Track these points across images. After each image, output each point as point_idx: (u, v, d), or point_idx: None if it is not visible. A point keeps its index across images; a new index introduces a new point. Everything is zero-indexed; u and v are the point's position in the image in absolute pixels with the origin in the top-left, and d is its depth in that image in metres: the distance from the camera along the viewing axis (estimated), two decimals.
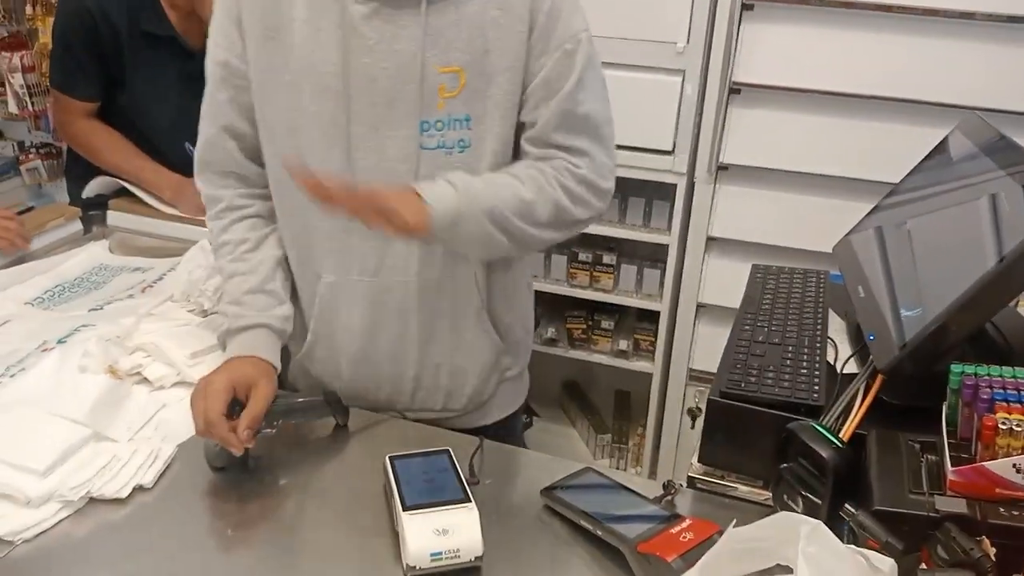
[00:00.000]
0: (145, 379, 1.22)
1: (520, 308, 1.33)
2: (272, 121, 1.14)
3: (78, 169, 1.93)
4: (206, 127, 1.18)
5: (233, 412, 1.03)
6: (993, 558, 0.74)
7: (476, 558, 0.90)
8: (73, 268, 1.63)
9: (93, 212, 1.84)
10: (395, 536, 0.94)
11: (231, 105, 1.15)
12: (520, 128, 1.15)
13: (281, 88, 1.11)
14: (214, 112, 1.17)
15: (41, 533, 0.95)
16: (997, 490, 0.80)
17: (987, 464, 0.80)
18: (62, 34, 1.79)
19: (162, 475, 1.05)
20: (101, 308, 1.47)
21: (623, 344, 2.45)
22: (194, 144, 1.85)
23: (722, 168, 2.17)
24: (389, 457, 1.02)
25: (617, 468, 2.62)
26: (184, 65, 1.82)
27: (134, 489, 1.02)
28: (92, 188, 1.88)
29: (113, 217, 1.84)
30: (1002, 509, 0.80)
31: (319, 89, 1.09)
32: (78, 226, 1.81)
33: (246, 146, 1.18)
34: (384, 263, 1.17)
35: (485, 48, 1.08)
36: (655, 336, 2.41)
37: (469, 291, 1.21)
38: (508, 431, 1.37)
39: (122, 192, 1.87)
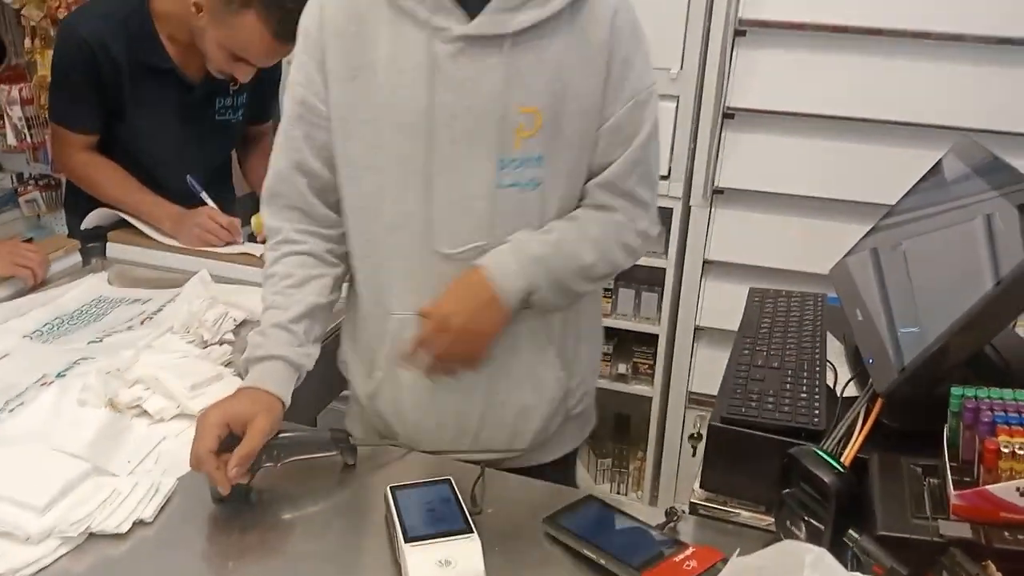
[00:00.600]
0: (145, 412, 1.22)
1: (589, 345, 1.32)
2: (352, 159, 1.15)
3: (77, 201, 1.94)
4: (278, 160, 1.19)
5: (232, 448, 1.03)
6: None
7: None
8: (72, 300, 1.63)
9: (92, 244, 1.84)
10: (397, 568, 0.93)
11: (305, 142, 1.16)
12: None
13: (361, 126, 1.12)
14: (287, 148, 1.18)
15: (41, 570, 0.94)
16: (1001, 514, 0.80)
17: (990, 488, 0.80)
18: (61, 67, 1.80)
19: (162, 509, 1.04)
20: (100, 340, 1.47)
21: (622, 368, 2.45)
22: (195, 176, 1.88)
23: (717, 192, 2.18)
24: (390, 488, 1.01)
25: (618, 492, 2.61)
26: (184, 97, 1.84)
27: (134, 523, 1.01)
28: (91, 220, 1.88)
29: (112, 249, 1.85)
30: (1007, 533, 0.79)
31: (399, 127, 1.11)
32: (77, 258, 1.81)
33: (315, 184, 1.18)
34: None
35: (562, 91, 1.10)
36: (654, 359, 2.41)
37: (540, 328, 1.21)
38: (566, 467, 1.38)
39: (121, 224, 1.88)
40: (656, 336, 2.37)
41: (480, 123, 1.09)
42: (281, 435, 1.08)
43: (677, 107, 2.09)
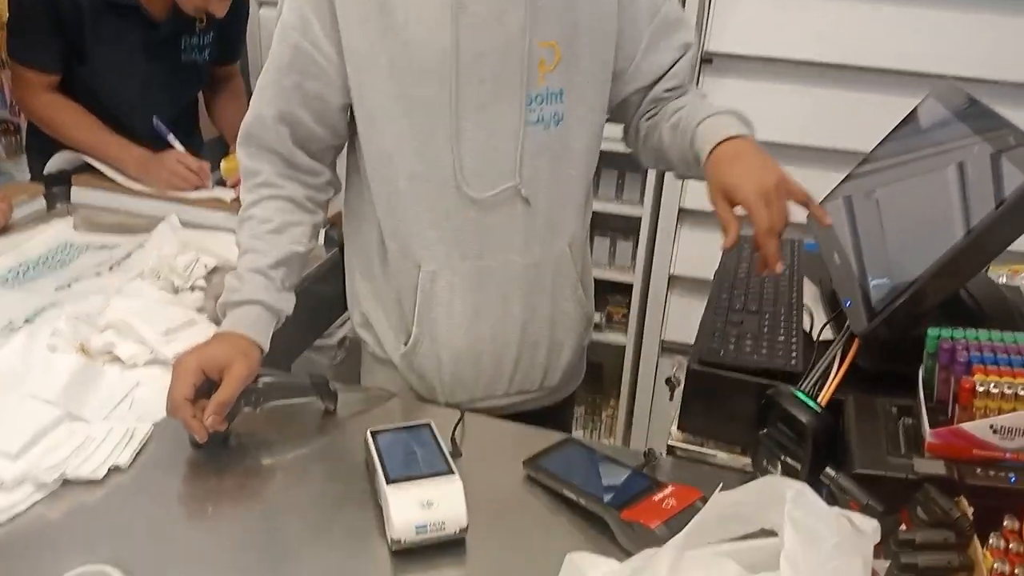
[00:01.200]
0: (117, 358, 1.20)
1: (591, 278, 1.34)
2: (370, 109, 1.11)
3: (39, 143, 1.88)
4: (260, 106, 1.13)
5: (209, 394, 1.01)
6: (971, 517, 0.75)
7: (461, 530, 0.90)
8: (37, 246, 1.59)
9: (56, 188, 1.80)
10: (379, 510, 0.94)
11: (295, 91, 1.11)
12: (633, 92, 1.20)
13: (380, 73, 1.08)
14: (273, 95, 1.12)
15: (15, 516, 0.93)
16: (974, 451, 0.82)
17: (964, 425, 0.82)
18: (19, 4, 1.73)
19: (138, 455, 1.03)
20: (68, 287, 1.44)
21: (596, 317, 2.45)
22: (161, 118, 1.83)
23: None
24: (370, 431, 1.01)
25: (591, 439, 2.64)
26: (148, 35, 1.78)
27: (110, 469, 1.00)
28: (54, 163, 1.83)
29: (77, 193, 1.80)
30: (979, 470, 0.81)
31: (423, 71, 1.07)
32: (41, 203, 1.76)
33: (298, 134, 1.14)
34: (486, 247, 1.16)
35: (575, 21, 1.10)
36: (628, 308, 2.42)
37: (566, 264, 1.22)
38: (568, 407, 1.40)
39: (85, 167, 1.83)
40: (630, 285, 2.38)
41: (506, 60, 1.08)
42: (261, 380, 1.07)
43: None
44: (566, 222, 1.21)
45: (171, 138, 1.83)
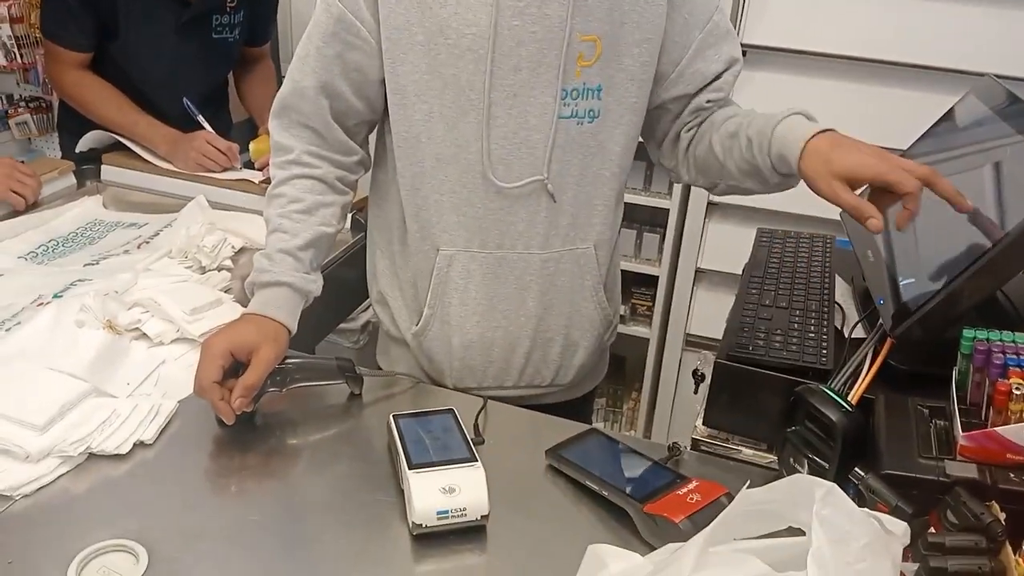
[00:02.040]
0: (144, 335, 1.20)
1: (618, 279, 1.34)
2: (402, 83, 1.09)
3: (72, 122, 1.90)
4: (301, 76, 1.12)
5: (237, 374, 1.02)
6: (1003, 523, 0.74)
7: (482, 516, 0.90)
8: (67, 223, 1.60)
9: (86, 166, 1.81)
10: (401, 495, 0.93)
11: (337, 61, 1.09)
12: (680, 98, 1.18)
13: (415, 48, 1.07)
14: (315, 65, 1.10)
15: (40, 488, 0.94)
16: (1008, 455, 0.80)
17: (999, 429, 0.80)
18: None
19: (163, 431, 1.04)
20: (96, 263, 1.45)
21: (620, 309, 2.44)
22: (191, 98, 1.84)
23: None
24: (393, 416, 1.01)
25: (611, 431, 2.63)
26: (179, 14, 1.78)
27: (135, 445, 1.00)
28: (86, 142, 1.84)
29: (107, 172, 1.81)
30: (1012, 474, 0.80)
31: (459, 51, 1.05)
32: (71, 180, 1.78)
33: (338, 108, 1.13)
34: (506, 237, 1.15)
35: (621, 20, 1.08)
36: (653, 301, 2.41)
37: (589, 265, 1.20)
38: (587, 403, 1.39)
39: (116, 146, 1.84)
40: (656, 278, 2.36)
41: (545, 50, 1.06)
42: (288, 361, 1.07)
43: None
44: (593, 222, 1.18)
45: (200, 118, 1.84)
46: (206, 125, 1.83)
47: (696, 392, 1.24)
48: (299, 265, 1.11)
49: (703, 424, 1.06)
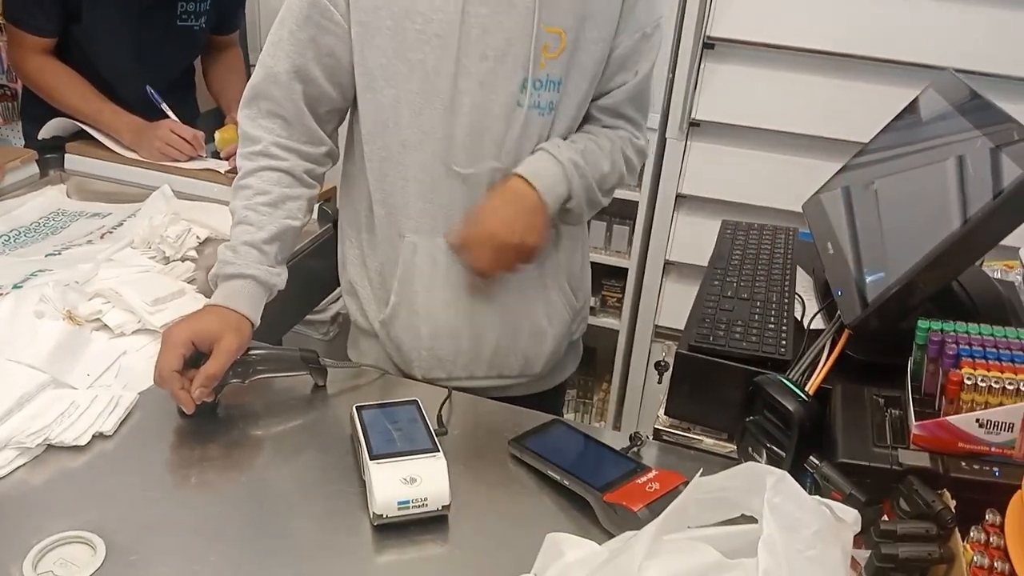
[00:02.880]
0: (105, 326, 1.19)
1: (586, 271, 1.35)
2: (371, 68, 1.09)
3: (35, 110, 1.86)
4: (274, 62, 1.11)
5: (198, 364, 1.01)
6: (954, 510, 0.75)
7: (443, 507, 0.90)
8: (29, 212, 1.58)
9: (50, 155, 1.78)
10: (362, 485, 0.93)
11: (310, 45, 1.09)
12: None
13: (384, 33, 1.07)
14: (289, 50, 1.10)
15: None
16: (960, 444, 0.82)
17: (950, 418, 0.81)
18: None
19: (123, 422, 1.03)
20: (58, 253, 1.43)
21: (591, 301, 2.45)
22: (155, 87, 1.82)
23: (694, 124, 2.16)
24: (356, 407, 1.00)
25: (582, 422, 2.64)
26: (143, 0, 1.76)
27: (94, 436, 0.99)
28: (49, 129, 1.82)
29: (71, 161, 1.79)
30: (964, 463, 0.81)
31: (425, 36, 1.06)
32: (34, 169, 1.75)
33: (311, 94, 1.12)
34: None
35: (584, 14, 1.09)
36: (622, 293, 2.42)
37: (550, 253, 1.21)
38: (558, 395, 1.40)
39: (80, 135, 1.81)
40: (625, 270, 2.37)
41: (511, 40, 1.07)
42: (251, 352, 1.07)
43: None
44: None
45: (164, 107, 1.82)
46: (170, 113, 1.81)
47: (660, 382, 1.25)
48: (264, 258, 1.10)
49: (665, 414, 1.07)
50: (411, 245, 1.16)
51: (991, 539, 0.74)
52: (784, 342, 1.02)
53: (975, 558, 0.72)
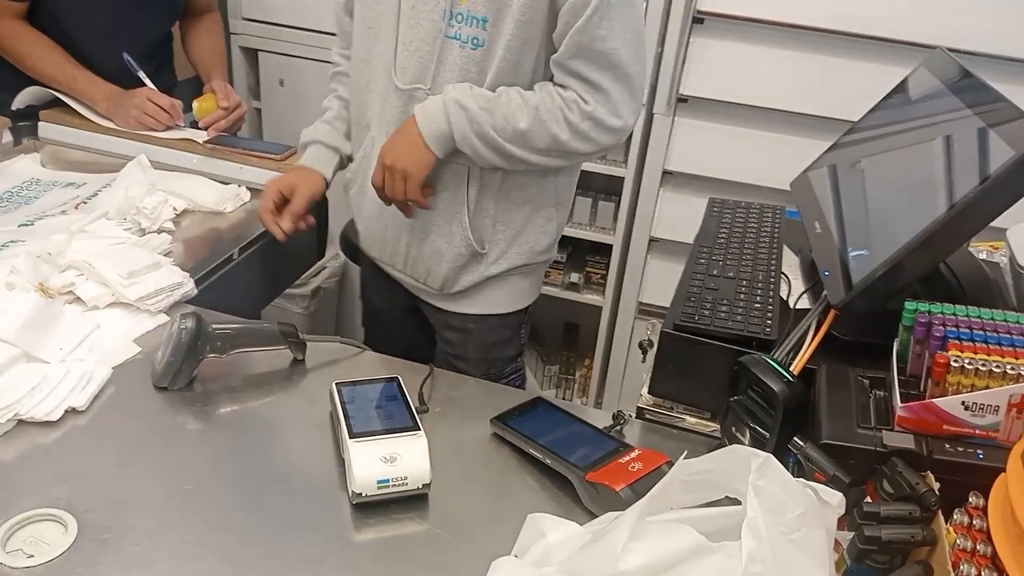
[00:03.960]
0: (78, 299, 1.16)
1: (519, 215, 1.37)
2: None
3: (7, 76, 1.81)
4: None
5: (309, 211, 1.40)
6: (937, 493, 0.75)
7: (423, 485, 0.89)
8: (1, 182, 1.54)
9: (23, 123, 1.74)
10: (342, 463, 0.92)
11: None
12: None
13: None
14: None
15: None
16: (944, 427, 0.81)
17: (936, 401, 0.81)
18: None
19: (96, 398, 1.01)
20: (31, 224, 1.40)
21: (574, 277, 2.44)
22: (131, 54, 1.77)
23: (681, 100, 2.13)
24: (336, 384, 0.99)
25: (563, 399, 2.64)
26: None
27: (66, 411, 0.97)
28: (22, 99, 1.76)
29: (44, 129, 1.74)
30: (948, 445, 0.81)
31: None
32: (8, 138, 1.71)
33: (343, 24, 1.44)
34: None
35: None
36: (606, 270, 2.41)
37: (457, 186, 1.31)
38: (504, 328, 1.46)
39: (54, 103, 1.77)
40: (610, 246, 2.36)
41: None
42: (228, 326, 1.05)
43: (646, 9, 2.02)
44: None
45: (141, 74, 1.77)
46: (147, 81, 1.77)
47: (644, 361, 1.24)
48: (332, 130, 1.46)
49: (648, 393, 1.06)
50: (372, 139, 1.38)
51: (974, 521, 0.74)
52: (769, 322, 1.02)
53: (958, 540, 0.72)
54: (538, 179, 1.35)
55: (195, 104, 1.77)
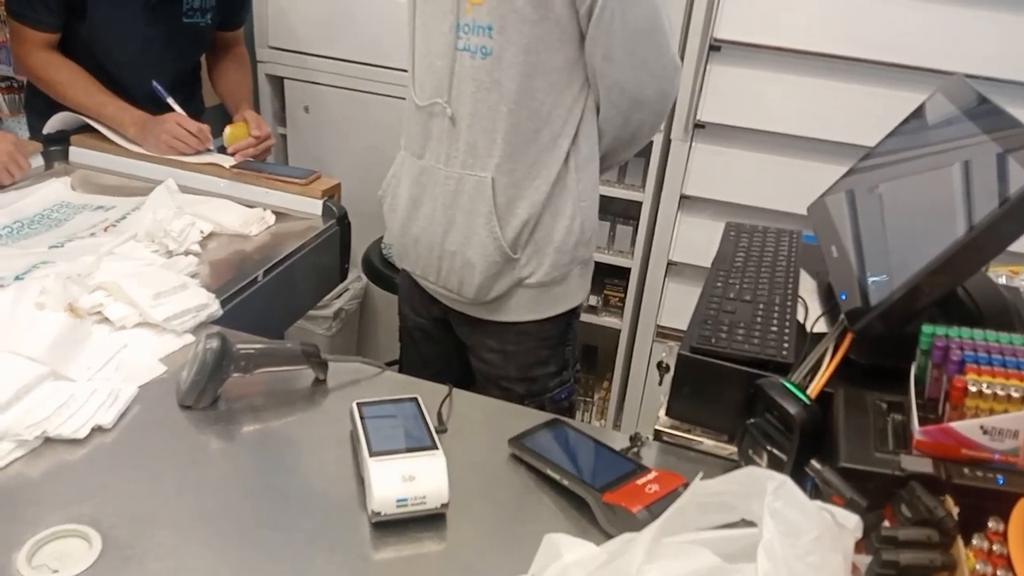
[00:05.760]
0: (106, 319, 1.19)
1: (544, 225, 1.37)
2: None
3: (39, 103, 1.86)
4: None
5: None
6: (956, 517, 0.75)
7: (442, 505, 0.89)
8: (33, 204, 1.58)
9: (54, 147, 1.78)
10: (361, 482, 0.93)
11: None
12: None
13: None
14: None
15: None
16: (963, 451, 0.81)
17: (954, 424, 0.81)
18: None
19: (122, 416, 1.03)
20: (61, 246, 1.43)
21: (593, 300, 2.45)
22: (162, 82, 1.81)
23: (699, 126, 2.15)
24: (356, 403, 1.00)
25: (582, 421, 2.63)
26: None
27: (93, 429, 0.99)
28: (53, 124, 1.81)
29: (75, 153, 1.79)
30: (967, 470, 0.80)
31: None
32: (39, 162, 1.75)
33: None
34: (427, 150, 1.37)
35: None
36: (625, 292, 2.41)
37: (485, 193, 1.32)
38: (542, 340, 1.46)
39: (84, 128, 1.81)
40: (628, 269, 2.37)
41: None
42: (252, 346, 1.07)
43: None
44: (492, 153, 1.30)
45: (170, 100, 1.82)
46: (176, 107, 1.81)
47: (661, 383, 1.25)
48: None
49: (666, 415, 1.07)
50: (402, 157, 1.43)
51: (994, 547, 0.74)
52: (786, 345, 1.02)
53: (977, 566, 0.71)
54: (557, 178, 1.34)
55: (227, 131, 1.81)
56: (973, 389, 0.82)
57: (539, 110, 1.28)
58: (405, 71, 1.40)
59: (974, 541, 0.74)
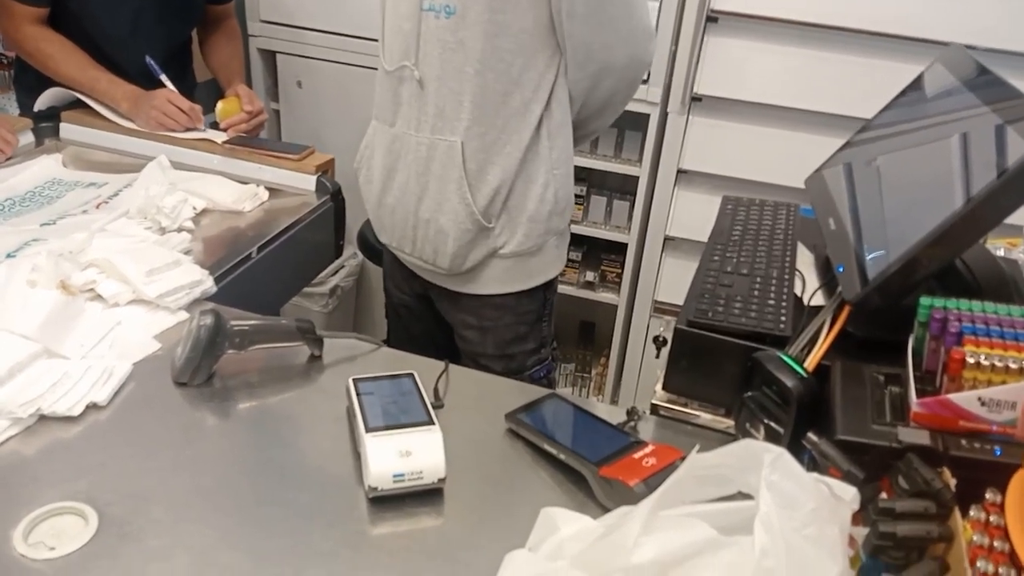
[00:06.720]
0: (99, 296, 1.18)
1: (516, 193, 1.36)
2: None
3: (28, 78, 1.84)
4: None
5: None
6: (953, 489, 0.75)
7: (439, 480, 0.89)
8: (24, 182, 1.57)
9: (45, 124, 1.76)
10: (358, 458, 0.93)
11: None
12: None
13: None
14: None
15: None
16: (960, 422, 0.81)
17: (952, 396, 0.81)
18: None
19: (117, 393, 1.02)
20: (53, 223, 1.42)
21: (590, 276, 2.45)
22: (154, 57, 1.79)
23: (695, 99, 2.13)
24: (353, 379, 1.00)
25: (579, 396, 2.64)
26: None
27: (87, 407, 0.99)
28: (44, 100, 1.79)
29: (66, 130, 1.77)
30: (964, 441, 0.80)
31: None
32: (30, 138, 1.73)
33: None
34: (397, 117, 1.36)
35: None
36: (622, 268, 2.41)
37: (453, 159, 1.31)
38: (520, 316, 1.46)
39: (76, 103, 1.79)
40: (625, 245, 2.36)
41: None
42: (247, 322, 1.06)
43: (660, 8, 2.02)
44: (461, 117, 1.29)
45: (163, 77, 1.79)
46: (168, 84, 1.79)
47: (658, 357, 1.24)
48: None
49: (663, 389, 1.06)
50: (374, 127, 1.43)
51: (991, 518, 0.74)
52: (783, 318, 1.01)
53: (975, 537, 0.72)
54: (529, 144, 1.33)
55: (219, 106, 1.79)
56: (971, 361, 0.81)
57: (507, 72, 1.27)
58: None
59: (971, 512, 0.74)
